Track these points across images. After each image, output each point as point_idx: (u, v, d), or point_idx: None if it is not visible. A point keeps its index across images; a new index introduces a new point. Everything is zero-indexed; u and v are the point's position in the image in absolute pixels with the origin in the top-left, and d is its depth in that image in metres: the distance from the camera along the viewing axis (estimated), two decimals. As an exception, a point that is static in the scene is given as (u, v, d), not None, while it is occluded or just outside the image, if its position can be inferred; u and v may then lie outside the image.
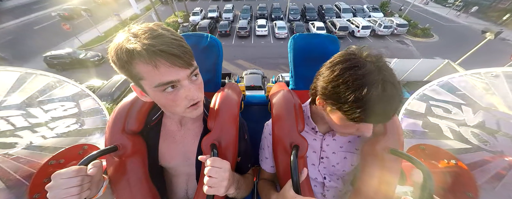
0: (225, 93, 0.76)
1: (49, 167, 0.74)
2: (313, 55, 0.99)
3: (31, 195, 0.69)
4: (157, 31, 0.45)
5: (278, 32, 15.52)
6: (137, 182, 0.61)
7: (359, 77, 0.46)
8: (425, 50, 14.05)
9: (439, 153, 0.81)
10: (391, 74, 0.48)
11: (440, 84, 0.94)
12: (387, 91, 0.45)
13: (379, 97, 0.45)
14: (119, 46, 0.43)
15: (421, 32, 15.74)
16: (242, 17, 18.18)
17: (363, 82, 0.46)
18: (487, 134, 0.78)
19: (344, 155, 0.72)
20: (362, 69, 0.46)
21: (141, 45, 0.42)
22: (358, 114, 0.48)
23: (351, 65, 0.48)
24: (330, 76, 0.51)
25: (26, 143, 0.79)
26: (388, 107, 0.47)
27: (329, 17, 17.78)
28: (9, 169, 0.74)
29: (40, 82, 0.86)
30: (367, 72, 0.46)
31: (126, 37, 0.44)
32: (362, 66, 0.47)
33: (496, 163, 0.74)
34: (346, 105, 0.49)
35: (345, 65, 0.49)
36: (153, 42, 0.42)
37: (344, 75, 0.48)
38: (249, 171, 0.81)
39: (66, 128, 0.89)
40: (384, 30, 15.27)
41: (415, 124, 0.96)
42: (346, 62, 0.49)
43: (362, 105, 0.47)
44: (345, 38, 15.47)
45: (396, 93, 0.47)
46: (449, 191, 0.75)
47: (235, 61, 12.68)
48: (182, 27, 15.91)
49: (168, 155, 0.69)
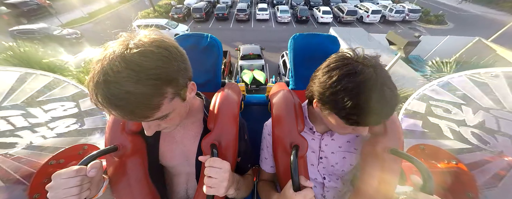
0: (225, 93, 0.76)
1: (49, 167, 0.74)
2: (313, 55, 0.99)
3: (31, 195, 0.69)
4: (117, 75, 0.37)
5: (281, 15, 14.69)
6: (137, 182, 0.61)
7: (357, 84, 0.46)
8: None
9: (439, 153, 0.81)
10: (388, 77, 0.48)
11: (440, 84, 0.94)
12: (385, 96, 0.46)
13: (378, 102, 0.46)
14: (89, 79, 0.40)
15: (435, 19, 15.09)
16: (241, 1, 17.28)
17: (362, 89, 0.46)
18: (487, 134, 0.78)
19: (343, 155, 0.72)
20: (361, 76, 0.47)
21: (94, 94, 0.39)
22: (355, 118, 0.49)
23: (349, 71, 0.48)
24: (327, 83, 0.51)
25: (26, 143, 0.79)
26: (386, 109, 0.48)
27: (334, 3, 16.83)
28: (9, 169, 0.74)
29: (40, 82, 0.86)
30: (366, 79, 0.46)
31: (90, 75, 0.40)
32: (360, 73, 0.47)
33: (496, 163, 0.74)
34: (344, 111, 0.50)
35: (343, 72, 0.49)
36: (107, 95, 0.38)
37: (342, 81, 0.48)
38: (249, 172, 0.81)
39: (66, 128, 0.89)
40: (395, 16, 14.36)
41: (415, 124, 0.96)
42: (344, 67, 0.49)
43: (360, 111, 0.47)
44: (353, 24, 14.59)
45: (393, 96, 0.47)
46: (449, 191, 0.75)
47: (233, 43, 11.46)
48: (175, 9, 14.94)
49: (169, 154, 0.69)
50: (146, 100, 0.41)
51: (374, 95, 0.46)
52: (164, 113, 0.47)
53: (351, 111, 0.48)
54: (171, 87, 0.45)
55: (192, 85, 0.54)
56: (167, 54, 0.43)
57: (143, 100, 0.40)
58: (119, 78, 0.37)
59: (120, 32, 0.45)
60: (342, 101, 0.48)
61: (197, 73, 0.98)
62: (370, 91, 0.46)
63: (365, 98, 0.46)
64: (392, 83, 0.49)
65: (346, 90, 0.47)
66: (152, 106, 0.43)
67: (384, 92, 0.46)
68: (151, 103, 0.42)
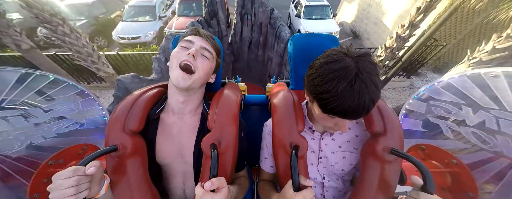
0: (225, 93, 0.76)
1: (49, 167, 0.74)
2: (313, 55, 0.98)
3: (31, 195, 0.69)
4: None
5: None
6: (137, 182, 0.61)
7: (332, 71, 0.48)
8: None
9: (439, 153, 0.81)
10: (368, 72, 0.47)
11: (440, 84, 0.94)
12: (354, 87, 0.46)
13: (347, 92, 0.46)
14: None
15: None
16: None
17: (335, 75, 0.47)
18: (487, 134, 0.78)
19: (343, 154, 0.72)
20: (338, 63, 0.48)
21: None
22: (329, 106, 0.50)
23: (330, 60, 0.50)
24: (310, 70, 0.55)
25: (26, 143, 0.79)
26: (356, 103, 0.47)
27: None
28: (9, 169, 0.74)
29: (40, 82, 0.86)
30: (342, 67, 0.47)
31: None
32: (339, 61, 0.49)
33: (496, 163, 0.74)
34: (319, 96, 0.51)
35: (325, 60, 0.51)
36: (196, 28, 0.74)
37: (321, 68, 0.51)
38: (245, 174, 0.81)
39: (66, 128, 0.89)
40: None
41: (415, 124, 0.96)
42: (327, 57, 0.52)
43: (332, 97, 0.48)
44: None
45: (365, 91, 0.46)
46: (449, 191, 0.75)
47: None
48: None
49: (164, 150, 0.70)
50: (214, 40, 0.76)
51: (343, 84, 0.46)
52: (212, 49, 0.72)
53: (324, 95, 0.49)
54: (217, 52, 0.77)
55: (214, 75, 0.79)
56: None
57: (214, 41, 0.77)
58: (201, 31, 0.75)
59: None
60: (318, 85, 0.50)
61: None
62: (341, 79, 0.46)
63: (334, 85, 0.47)
64: (373, 77, 0.47)
65: (322, 76, 0.50)
66: (216, 44, 0.77)
67: (355, 83, 0.46)
68: (215, 42, 0.77)
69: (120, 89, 2.99)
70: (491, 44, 2.77)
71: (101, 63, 3.90)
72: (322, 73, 0.50)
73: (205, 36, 0.72)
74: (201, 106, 0.74)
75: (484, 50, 2.85)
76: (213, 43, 0.73)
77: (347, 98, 0.47)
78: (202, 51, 0.69)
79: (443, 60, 5.70)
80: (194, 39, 0.69)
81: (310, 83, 0.55)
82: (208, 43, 0.71)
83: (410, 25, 3.50)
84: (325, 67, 0.50)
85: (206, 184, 0.49)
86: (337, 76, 0.47)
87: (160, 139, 0.70)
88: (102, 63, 3.91)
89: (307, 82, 0.57)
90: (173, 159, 0.71)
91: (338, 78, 0.47)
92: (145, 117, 0.66)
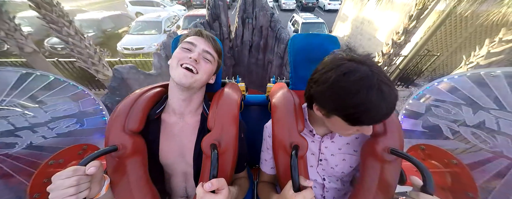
0: (225, 93, 0.76)
1: (49, 167, 0.74)
2: (313, 55, 0.99)
3: (31, 195, 0.69)
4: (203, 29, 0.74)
5: (285, 2, 14.99)
6: (137, 182, 0.60)
7: (354, 83, 0.46)
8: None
9: (439, 153, 0.81)
10: (384, 74, 0.48)
11: (440, 84, 0.94)
12: (384, 93, 0.45)
13: (380, 99, 0.45)
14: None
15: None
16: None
17: (360, 86, 0.46)
18: (487, 134, 0.78)
19: (343, 157, 0.72)
20: (357, 74, 0.46)
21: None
22: (358, 118, 0.49)
23: (344, 71, 0.48)
24: (325, 85, 0.51)
25: (26, 143, 0.79)
26: (387, 106, 0.47)
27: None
28: (9, 169, 0.74)
29: (40, 82, 0.86)
30: (363, 76, 0.46)
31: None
32: (356, 71, 0.47)
33: (496, 163, 0.74)
34: (345, 111, 0.49)
35: (339, 72, 0.48)
36: (199, 29, 0.74)
37: (340, 81, 0.48)
38: (245, 174, 0.81)
39: (66, 128, 0.89)
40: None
41: (415, 124, 0.96)
42: (339, 68, 0.49)
43: (362, 109, 0.47)
44: (316, 11, 14.85)
45: (392, 92, 0.47)
46: (449, 191, 0.75)
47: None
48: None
49: (166, 150, 0.70)
50: (217, 43, 0.76)
51: (373, 93, 0.45)
52: (212, 52, 0.71)
53: (352, 110, 0.48)
54: (218, 54, 0.75)
55: (214, 76, 0.79)
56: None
57: (217, 44, 0.76)
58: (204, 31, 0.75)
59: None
60: (342, 101, 0.48)
61: None
62: (369, 89, 0.45)
63: (364, 96, 0.45)
64: (389, 79, 0.48)
65: (344, 90, 0.47)
66: (218, 47, 0.76)
67: (382, 89, 0.45)
68: (218, 45, 0.76)
69: (116, 79, 2.84)
70: (486, 49, 2.85)
71: (101, 66, 3.89)
72: (344, 86, 0.47)
73: (207, 38, 0.71)
74: (201, 107, 0.74)
75: (480, 55, 2.93)
76: (215, 45, 0.73)
77: (381, 106, 0.46)
78: (205, 55, 0.68)
79: (438, 71, 6.04)
80: (197, 42, 0.68)
81: (328, 99, 0.51)
82: (210, 45, 0.70)
83: (404, 31, 3.69)
84: (343, 80, 0.47)
85: (206, 185, 0.49)
86: (363, 86, 0.45)
87: (163, 139, 0.70)
88: (102, 66, 3.90)
89: (323, 99, 0.53)
90: (175, 159, 0.71)
91: (366, 88, 0.45)
92: (145, 117, 0.66)
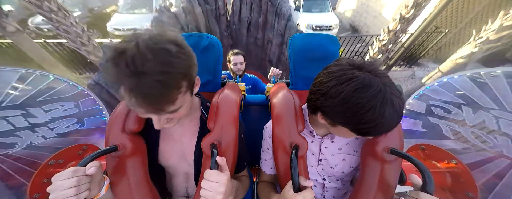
0: (225, 93, 0.76)
1: (49, 167, 0.74)
2: (313, 55, 0.99)
3: (31, 195, 0.69)
4: (144, 65, 0.40)
5: None
6: (137, 182, 0.60)
7: (370, 99, 0.46)
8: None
9: (439, 153, 0.81)
10: (392, 84, 0.48)
11: (440, 84, 0.94)
12: (395, 107, 0.47)
13: (390, 113, 0.46)
14: (110, 62, 0.42)
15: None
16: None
17: (374, 103, 0.46)
18: (487, 134, 0.78)
19: (343, 157, 0.72)
20: (371, 89, 0.46)
21: (124, 81, 0.41)
22: (368, 132, 0.50)
23: (358, 86, 0.47)
24: (336, 99, 0.50)
25: (26, 143, 0.79)
26: (397, 118, 0.49)
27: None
28: (9, 169, 0.74)
29: (40, 82, 0.86)
30: (376, 92, 0.46)
31: (115, 58, 0.41)
32: (369, 85, 0.47)
33: (496, 163, 0.74)
34: (357, 126, 0.50)
35: (352, 87, 0.48)
36: (134, 84, 0.40)
37: (354, 97, 0.47)
38: (246, 173, 0.81)
39: (66, 128, 0.89)
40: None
41: (415, 124, 0.97)
42: (351, 82, 0.48)
43: (374, 124, 0.48)
44: None
45: (401, 103, 0.48)
46: (449, 191, 0.75)
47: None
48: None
49: (167, 153, 0.70)
50: (168, 91, 0.44)
51: (386, 108, 0.46)
52: (177, 107, 0.49)
53: (365, 125, 0.48)
54: (185, 81, 0.48)
55: (197, 80, 0.57)
56: (183, 51, 0.46)
57: (166, 91, 0.43)
58: (147, 69, 0.40)
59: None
60: (355, 118, 0.49)
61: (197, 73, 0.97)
62: (382, 105, 0.46)
63: (377, 112, 0.46)
64: (396, 88, 0.49)
65: (358, 107, 0.47)
66: (171, 98, 0.45)
67: (393, 102, 0.46)
68: (171, 95, 0.45)
69: (106, 56, 2.74)
70: (499, 22, 2.65)
71: (92, 46, 3.41)
72: (358, 103, 0.47)
73: (152, 105, 0.45)
74: (199, 110, 0.74)
75: (491, 29, 2.72)
76: (172, 101, 0.47)
77: (393, 119, 0.47)
78: (166, 119, 0.54)
79: (444, 50, 5.51)
80: (152, 116, 0.49)
81: (339, 114, 0.51)
82: (160, 108, 0.46)
83: (414, 4, 3.14)
84: (357, 96, 0.47)
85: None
86: (377, 102, 0.46)
87: (163, 142, 0.69)
88: (92, 46, 3.42)
89: (333, 112, 0.52)
90: (176, 161, 0.71)
91: (380, 104, 0.46)
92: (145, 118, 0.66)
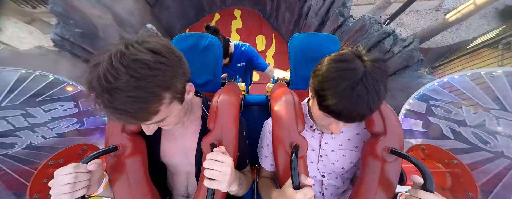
0: (225, 93, 0.76)
1: (49, 167, 0.74)
2: (313, 55, 0.99)
3: (31, 195, 0.69)
4: (116, 80, 0.38)
5: None
6: (137, 182, 0.61)
7: (338, 69, 0.48)
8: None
9: (439, 153, 0.81)
10: (374, 78, 0.45)
11: (440, 84, 0.94)
12: (355, 91, 0.45)
13: (346, 93, 0.45)
14: (88, 81, 0.40)
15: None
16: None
17: (339, 74, 0.47)
18: (487, 134, 0.78)
19: (343, 152, 0.72)
20: (347, 63, 0.48)
21: (98, 97, 0.40)
22: (324, 103, 0.50)
23: (340, 58, 0.50)
24: (318, 66, 0.55)
25: (26, 143, 0.79)
26: (352, 107, 0.46)
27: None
28: (9, 169, 0.74)
29: (40, 82, 0.86)
30: (349, 68, 0.47)
31: (88, 77, 0.40)
32: (349, 61, 0.48)
33: (496, 163, 0.74)
34: (319, 92, 0.51)
35: (335, 57, 0.51)
36: (107, 100, 0.39)
37: (328, 65, 0.51)
38: (248, 169, 0.81)
39: (66, 128, 0.89)
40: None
41: (415, 124, 0.97)
42: (338, 55, 0.51)
43: (330, 95, 0.48)
44: None
45: (364, 97, 0.45)
46: (449, 191, 0.75)
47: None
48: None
49: (169, 151, 0.70)
50: (145, 105, 0.43)
51: (347, 85, 0.45)
52: (162, 117, 0.48)
53: (323, 93, 0.49)
54: (169, 92, 0.46)
55: (190, 86, 0.55)
56: (165, 60, 0.44)
57: (143, 105, 0.42)
58: (120, 84, 0.38)
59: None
60: (320, 83, 0.50)
61: (197, 74, 0.97)
62: (345, 79, 0.46)
63: (337, 84, 0.46)
64: (378, 85, 0.46)
65: (326, 72, 0.49)
66: (151, 111, 0.44)
67: (358, 86, 0.45)
68: (150, 108, 0.44)
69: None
70: None
71: None
72: (328, 70, 0.50)
73: (138, 122, 0.48)
74: (200, 110, 0.74)
75: None
76: (154, 113, 0.46)
77: (344, 99, 0.46)
78: (155, 126, 0.54)
79: None
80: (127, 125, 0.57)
81: (315, 78, 0.54)
82: (138, 121, 0.47)
83: None
84: (333, 65, 0.50)
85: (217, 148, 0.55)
86: (341, 75, 0.47)
87: (164, 141, 0.70)
88: None
89: (312, 77, 0.57)
90: (178, 160, 0.72)
91: (342, 78, 0.46)
92: None
